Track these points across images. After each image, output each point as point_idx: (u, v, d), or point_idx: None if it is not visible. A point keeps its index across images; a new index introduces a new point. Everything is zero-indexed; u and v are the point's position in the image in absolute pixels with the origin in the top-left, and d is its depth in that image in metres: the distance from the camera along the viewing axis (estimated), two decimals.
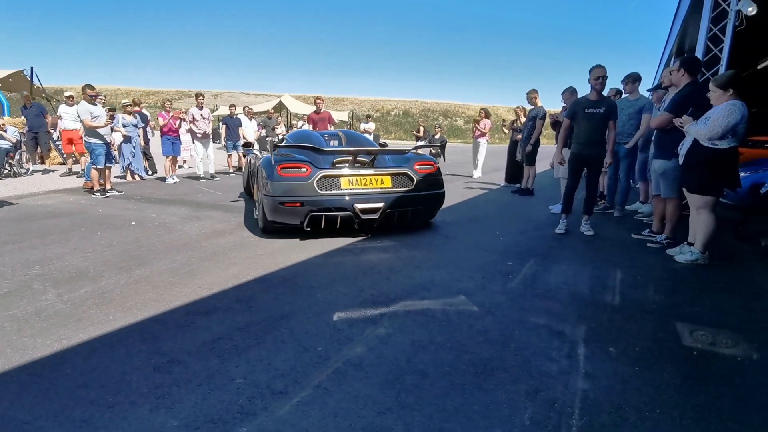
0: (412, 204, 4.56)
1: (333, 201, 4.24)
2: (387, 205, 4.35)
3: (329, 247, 4.11)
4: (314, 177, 4.22)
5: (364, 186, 4.37)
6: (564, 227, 4.86)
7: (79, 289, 2.99)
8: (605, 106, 4.60)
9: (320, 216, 4.23)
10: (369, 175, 4.41)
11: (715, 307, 2.87)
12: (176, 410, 1.72)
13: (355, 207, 4.24)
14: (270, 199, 4.20)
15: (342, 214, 4.26)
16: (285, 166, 4.27)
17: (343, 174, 4.34)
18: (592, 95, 4.62)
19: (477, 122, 10.05)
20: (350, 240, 4.37)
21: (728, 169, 3.62)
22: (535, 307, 2.81)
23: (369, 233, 4.60)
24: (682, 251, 3.90)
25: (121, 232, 4.58)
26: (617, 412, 1.76)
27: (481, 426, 1.67)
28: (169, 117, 8.78)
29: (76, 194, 7.12)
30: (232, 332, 2.39)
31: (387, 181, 4.46)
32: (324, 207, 4.21)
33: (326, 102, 12.76)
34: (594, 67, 4.57)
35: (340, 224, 4.37)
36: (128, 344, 2.24)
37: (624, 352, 2.26)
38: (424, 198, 4.64)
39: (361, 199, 4.29)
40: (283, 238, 4.37)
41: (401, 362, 2.12)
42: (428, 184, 4.66)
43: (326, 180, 4.28)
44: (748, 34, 6.35)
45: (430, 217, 5.08)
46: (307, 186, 4.19)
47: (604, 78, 4.56)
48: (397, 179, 4.52)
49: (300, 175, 4.23)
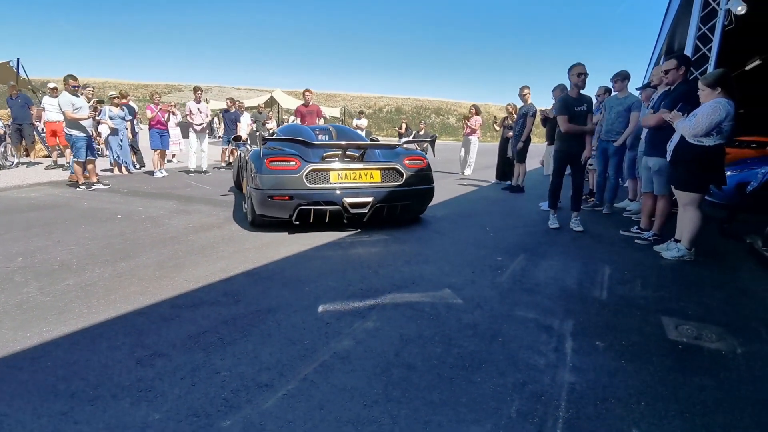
0: (402, 199, 4.56)
1: (322, 195, 4.22)
2: (376, 199, 4.35)
3: (318, 241, 4.08)
4: (303, 170, 4.20)
5: (354, 180, 4.35)
6: (557, 222, 4.90)
7: (62, 282, 2.93)
8: (586, 102, 4.72)
9: (309, 210, 4.22)
10: (358, 170, 4.40)
11: (700, 302, 2.90)
12: (158, 403, 1.69)
13: (344, 201, 4.22)
14: (258, 193, 4.18)
15: (331, 208, 4.25)
16: (274, 159, 4.23)
17: (332, 168, 4.31)
18: (574, 92, 4.67)
19: (467, 119, 10.00)
20: (340, 234, 4.34)
21: (714, 166, 3.65)
22: (524, 302, 2.81)
23: (358, 227, 4.58)
24: (668, 248, 3.94)
25: (106, 225, 4.50)
26: (603, 404, 1.77)
27: (468, 419, 1.66)
28: (158, 110, 8.66)
29: (61, 187, 6.99)
30: (218, 325, 2.36)
31: (376, 176, 4.45)
32: (313, 201, 4.19)
33: (318, 98, 12.71)
34: (575, 65, 4.61)
35: (329, 218, 4.36)
36: (111, 337, 2.20)
37: (611, 345, 2.27)
38: (414, 193, 4.65)
39: (351, 193, 4.27)
40: (272, 232, 4.33)
41: (389, 355, 2.10)
42: (418, 179, 4.66)
43: (315, 174, 4.25)
44: (738, 33, 6.43)
45: (419, 212, 5.10)
46: (296, 179, 4.17)
47: (586, 75, 4.60)
48: (386, 174, 4.51)
49: (289, 168, 4.20)
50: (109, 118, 8.45)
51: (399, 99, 47.28)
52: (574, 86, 4.64)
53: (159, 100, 9.00)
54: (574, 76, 4.59)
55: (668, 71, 4.17)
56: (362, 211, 4.31)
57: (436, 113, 44.04)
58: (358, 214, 4.31)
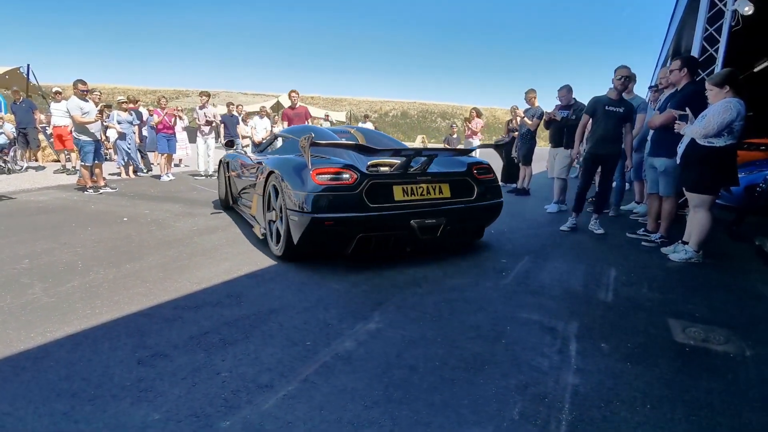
0: (475, 217, 3.80)
1: (388, 217, 3.28)
2: (448, 220, 3.50)
3: None
4: (362, 186, 3.23)
5: (421, 197, 3.43)
6: (572, 224, 4.87)
7: (67, 283, 2.95)
8: (624, 107, 4.63)
9: (371, 238, 3.30)
10: (426, 183, 3.48)
11: (708, 304, 2.85)
12: (158, 403, 1.69)
13: (411, 223, 3.35)
14: (302, 217, 3.16)
15: (397, 233, 3.38)
16: (322, 171, 3.22)
17: (395, 181, 3.38)
18: (613, 94, 4.66)
19: (468, 121, 9.91)
20: None
21: (725, 166, 3.61)
22: (528, 304, 2.79)
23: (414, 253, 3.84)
24: (676, 250, 3.89)
25: (112, 228, 4.54)
26: (608, 407, 1.74)
27: (470, 420, 1.64)
28: (164, 114, 8.74)
29: (69, 191, 7.07)
30: (220, 326, 2.36)
31: (446, 190, 3.57)
32: (377, 225, 3.27)
33: (324, 102, 12.50)
34: (619, 68, 4.66)
35: (391, 245, 3.49)
36: (113, 338, 2.21)
37: (616, 348, 2.24)
38: (487, 209, 3.84)
39: (420, 213, 3.38)
40: None
41: (391, 357, 2.09)
42: (490, 192, 3.85)
43: (377, 189, 3.28)
44: (745, 35, 6.37)
45: (481, 234, 4.21)
46: (355, 198, 3.20)
47: (626, 78, 4.64)
48: (456, 187, 3.64)
49: (343, 183, 3.21)
50: (117, 122, 8.54)
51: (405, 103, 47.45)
52: (614, 88, 4.64)
53: (165, 104, 9.10)
54: (615, 78, 4.64)
55: (672, 72, 4.17)
56: (432, 237, 3.48)
57: (441, 117, 44.07)
58: (428, 238, 3.46)
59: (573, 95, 6.10)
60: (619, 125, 4.63)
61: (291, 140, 4.52)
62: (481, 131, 9.80)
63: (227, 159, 5.62)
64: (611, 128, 4.61)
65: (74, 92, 6.63)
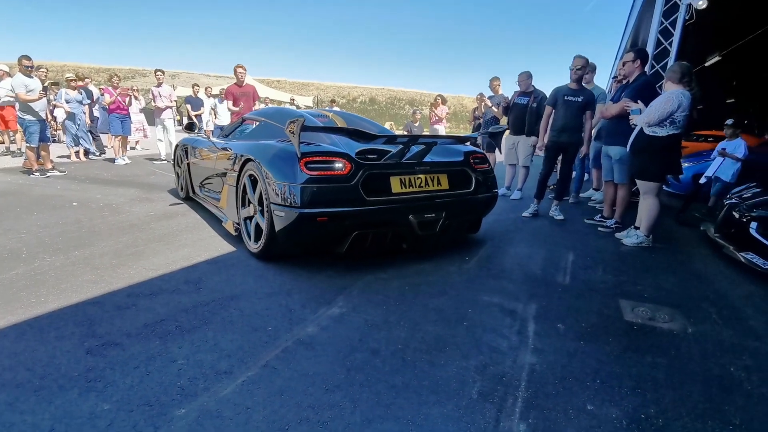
0: (472, 211, 3.61)
1: (385, 211, 2.96)
2: (447, 213, 3.26)
3: None
4: (358, 176, 2.86)
5: (419, 188, 3.14)
6: (533, 210, 5.00)
7: (10, 271, 2.76)
8: (584, 96, 4.74)
9: (367, 234, 2.99)
10: (424, 173, 3.19)
11: (656, 285, 3.01)
12: (108, 393, 1.61)
13: (410, 218, 3.09)
14: (290, 212, 2.77)
15: (395, 230, 3.11)
16: (313, 159, 2.82)
17: (392, 172, 3.05)
18: (572, 84, 4.74)
19: (434, 107, 9.95)
20: None
21: (668, 156, 3.78)
22: (490, 287, 2.85)
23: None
24: (628, 234, 4.08)
25: (60, 213, 4.28)
26: (561, 383, 1.81)
27: (430, 401, 1.67)
28: (117, 93, 8.28)
29: (13, 174, 6.60)
30: (178, 313, 2.28)
31: (444, 181, 3.30)
32: (374, 221, 2.94)
33: (291, 86, 11.93)
34: (575, 57, 4.71)
35: (388, 242, 3.20)
36: (59, 327, 2.09)
37: (571, 328, 2.33)
38: (484, 202, 3.63)
39: (418, 206, 3.11)
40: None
41: (353, 341, 2.09)
42: (487, 183, 3.62)
43: (374, 180, 2.94)
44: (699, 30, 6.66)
45: (477, 228, 4.00)
46: (350, 190, 2.83)
47: (583, 68, 4.71)
48: (455, 178, 3.38)
49: (336, 174, 2.83)
50: (66, 101, 8.02)
51: (373, 89, 47.07)
52: (572, 78, 4.75)
53: (118, 83, 8.60)
54: (571, 68, 4.73)
55: (625, 63, 4.33)
56: (431, 232, 3.23)
57: (410, 104, 44.04)
58: (427, 234, 3.21)
59: (532, 82, 6.19)
60: (579, 114, 4.76)
61: (264, 123, 4.10)
62: (446, 118, 9.82)
63: (185, 144, 5.03)
64: (571, 117, 4.73)
65: (19, 69, 6.19)
